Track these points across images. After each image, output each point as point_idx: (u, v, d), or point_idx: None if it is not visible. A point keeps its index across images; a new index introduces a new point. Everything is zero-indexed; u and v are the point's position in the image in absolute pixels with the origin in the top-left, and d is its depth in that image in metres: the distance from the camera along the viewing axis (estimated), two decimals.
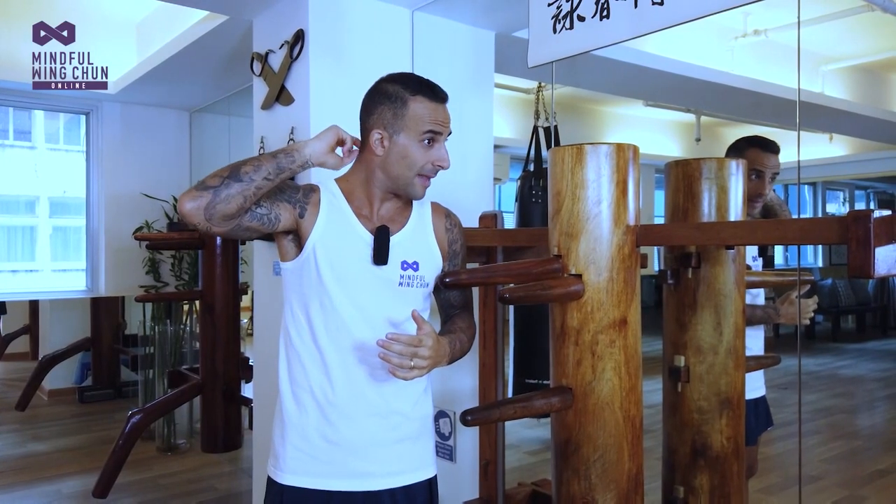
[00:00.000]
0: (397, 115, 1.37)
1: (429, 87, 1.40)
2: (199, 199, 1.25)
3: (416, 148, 1.37)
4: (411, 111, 1.36)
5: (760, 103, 4.12)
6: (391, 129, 1.37)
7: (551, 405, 1.37)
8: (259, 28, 2.74)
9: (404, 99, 1.37)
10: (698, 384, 1.59)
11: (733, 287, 1.58)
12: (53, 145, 5.41)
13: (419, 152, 1.38)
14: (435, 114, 1.38)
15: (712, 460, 1.60)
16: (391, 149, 1.38)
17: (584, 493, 1.37)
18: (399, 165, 1.38)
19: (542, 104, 4.06)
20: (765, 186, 2.15)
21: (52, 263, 5.26)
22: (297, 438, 1.39)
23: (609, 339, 1.34)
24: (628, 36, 1.72)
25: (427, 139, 1.37)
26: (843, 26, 3.64)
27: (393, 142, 1.37)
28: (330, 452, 1.37)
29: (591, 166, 1.34)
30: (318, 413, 1.38)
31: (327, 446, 1.37)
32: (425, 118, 1.37)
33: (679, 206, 1.61)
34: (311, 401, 1.38)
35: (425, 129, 1.36)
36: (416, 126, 1.36)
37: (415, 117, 1.36)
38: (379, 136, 1.38)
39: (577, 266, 1.34)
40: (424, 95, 1.38)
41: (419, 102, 1.37)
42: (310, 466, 1.38)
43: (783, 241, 1.26)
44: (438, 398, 2.33)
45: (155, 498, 3.43)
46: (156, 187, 4.65)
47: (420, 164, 1.38)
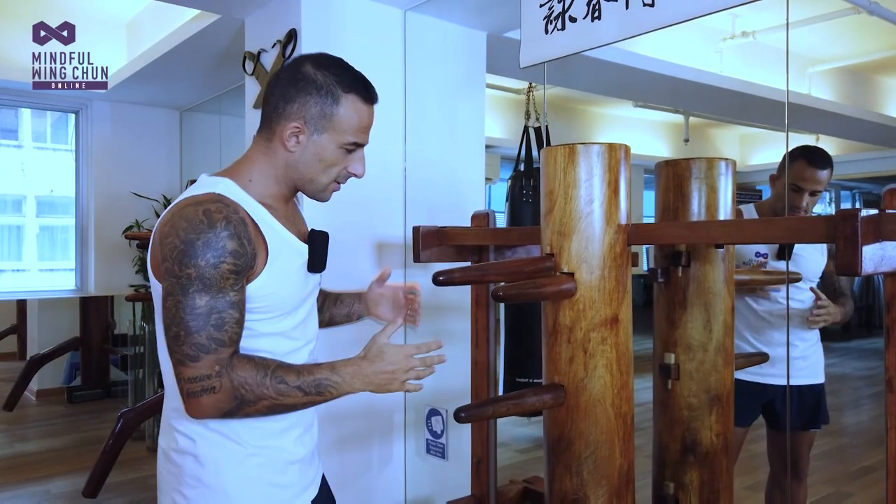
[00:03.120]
0: (324, 114, 1.18)
1: (363, 84, 1.22)
2: (225, 412, 1.11)
3: (335, 153, 1.21)
4: (341, 112, 1.18)
5: (748, 104, 4.16)
6: (312, 125, 1.18)
7: (544, 402, 1.38)
8: (251, 27, 2.74)
9: (336, 95, 1.18)
10: (688, 381, 1.61)
11: (723, 285, 1.60)
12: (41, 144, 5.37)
13: (338, 157, 1.21)
14: (364, 119, 1.22)
15: (702, 456, 1.62)
16: (307, 147, 1.19)
17: (575, 489, 1.38)
18: (313, 167, 1.21)
19: (533, 104, 4.08)
20: (801, 201, 2.14)
21: (38, 263, 5.23)
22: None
23: (601, 336, 1.36)
24: (619, 37, 1.74)
25: (349, 149, 1.22)
26: (829, 28, 3.68)
27: (311, 140, 1.19)
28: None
29: (584, 166, 1.35)
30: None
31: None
32: (354, 125, 1.20)
33: (669, 206, 1.63)
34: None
35: (350, 140, 1.20)
36: (344, 131, 1.19)
37: (343, 120, 1.19)
38: (296, 129, 1.18)
39: (570, 264, 1.36)
40: (358, 94, 1.20)
41: (351, 103, 1.19)
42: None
43: (772, 239, 1.28)
44: (430, 396, 2.35)
45: (145, 498, 3.42)
46: (146, 186, 4.64)
47: (336, 171, 1.23)
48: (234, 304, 1.10)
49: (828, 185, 2.20)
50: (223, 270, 1.08)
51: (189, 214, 1.09)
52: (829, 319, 2.13)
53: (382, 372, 1.18)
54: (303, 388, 1.13)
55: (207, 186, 1.16)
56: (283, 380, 1.12)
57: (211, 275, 1.07)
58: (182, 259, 1.07)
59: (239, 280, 1.10)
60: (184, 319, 1.07)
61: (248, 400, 1.10)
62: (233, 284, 1.09)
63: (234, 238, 1.09)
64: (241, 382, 1.09)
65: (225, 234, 1.08)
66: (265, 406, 1.12)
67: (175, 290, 1.08)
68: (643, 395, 1.74)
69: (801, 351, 2.29)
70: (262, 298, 1.16)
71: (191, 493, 1.19)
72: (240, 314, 1.12)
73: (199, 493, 1.19)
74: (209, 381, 1.08)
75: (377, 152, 1.31)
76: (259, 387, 1.10)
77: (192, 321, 1.07)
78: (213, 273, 1.07)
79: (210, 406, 1.09)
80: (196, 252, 1.07)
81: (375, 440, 2.61)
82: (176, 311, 1.08)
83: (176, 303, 1.08)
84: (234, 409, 1.10)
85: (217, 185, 1.16)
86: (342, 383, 1.16)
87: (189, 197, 1.14)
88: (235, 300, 1.10)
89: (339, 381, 1.16)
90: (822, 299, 2.11)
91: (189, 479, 1.19)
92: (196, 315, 1.07)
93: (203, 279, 1.07)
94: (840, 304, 2.19)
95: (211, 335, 1.08)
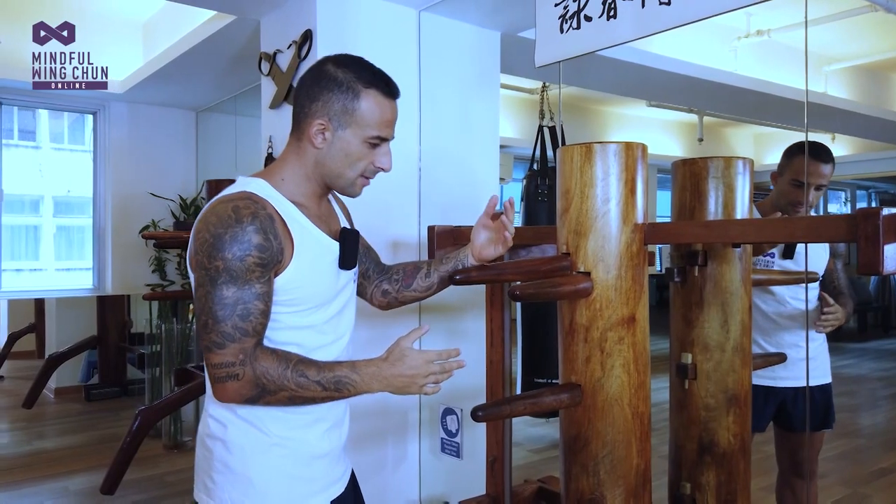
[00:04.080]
0: (346, 109, 1.22)
1: (383, 79, 1.26)
2: (247, 398, 1.16)
3: (359, 147, 1.24)
4: (363, 107, 1.22)
5: (763, 103, 4.14)
6: (336, 122, 1.22)
7: (560, 401, 1.38)
8: (267, 28, 2.76)
9: (356, 91, 1.22)
10: (705, 381, 1.61)
11: (740, 285, 1.60)
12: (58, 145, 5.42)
13: (363, 152, 1.25)
14: (386, 113, 1.25)
15: (719, 457, 1.61)
16: (333, 143, 1.23)
17: (592, 488, 1.38)
18: (340, 163, 1.25)
19: (547, 104, 4.08)
20: (803, 196, 2.14)
21: (55, 262, 5.28)
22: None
23: (618, 336, 1.36)
24: (635, 36, 1.73)
25: (373, 143, 1.25)
26: (845, 27, 3.65)
27: (336, 136, 1.23)
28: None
29: (600, 165, 1.35)
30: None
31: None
32: (376, 119, 1.23)
33: (686, 205, 1.62)
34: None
35: (373, 134, 1.24)
36: (366, 125, 1.23)
37: (366, 115, 1.22)
38: (321, 126, 1.23)
39: (586, 264, 1.36)
40: (378, 90, 1.24)
41: (372, 98, 1.23)
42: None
43: (791, 238, 1.27)
44: (445, 395, 2.35)
45: (161, 495, 3.45)
46: (162, 186, 4.68)
47: (363, 165, 1.26)
48: (260, 295, 1.15)
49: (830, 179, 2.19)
50: (249, 263, 1.13)
51: (220, 211, 1.15)
52: (835, 324, 2.11)
53: (402, 375, 1.20)
54: (322, 383, 1.17)
55: (241, 186, 1.22)
56: (303, 373, 1.16)
57: (237, 267, 1.12)
58: (211, 252, 1.13)
59: (265, 273, 1.15)
60: (212, 309, 1.13)
61: (269, 389, 1.15)
62: (258, 277, 1.14)
63: (260, 233, 1.14)
64: (263, 372, 1.14)
65: (251, 228, 1.13)
66: (285, 397, 1.16)
67: (204, 281, 1.14)
68: (658, 396, 1.74)
69: (808, 351, 2.27)
70: (289, 292, 1.21)
71: (219, 479, 1.24)
72: (265, 306, 1.16)
73: (225, 479, 1.23)
74: (233, 368, 1.13)
75: (392, 152, 1.32)
76: (280, 378, 1.15)
77: (219, 311, 1.12)
78: (240, 266, 1.12)
79: (233, 391, 1.14)
80: (224, 245, 1.12)
81: (390, 438, 2.62)
82: (205, 301, 1.13)
83: (205, 293, 1.13)
84: (256, 397, 1.16)
85: (249, 184, 1.22)
86: (360, 382, 1.19)
87: (223, 195, 1.20)
88: (261, 292, 1.15)
89: (357, 380, 1.19)
90: (829, 304, 2.10)
91: (218, 465, 1.24)
92: (223, 305, 1.12)
93: (230, 271, 1.12)
94: (841, 304, 2.17)
95: (236, 325, 1.13)
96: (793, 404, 2.28)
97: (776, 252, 2.21)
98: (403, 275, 1.52)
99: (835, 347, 4.98)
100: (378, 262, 1.55)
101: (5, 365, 5.74)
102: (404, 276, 1.51)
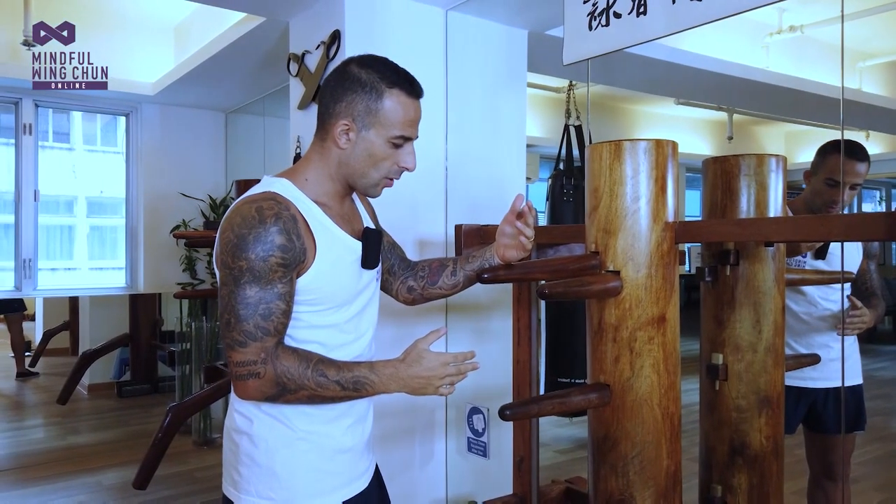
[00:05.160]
0: (370, 109, 1.22)
1: (406, 79, 1.25)
2: (267, 396, 1.18)
3: (383, 147, 1.24)
4: (386, 107, 1.22)
5: (796, 100, 4.06)
6: (360, 122, 1.22)
7: (589, 401, 1.37)
8: (295, 29, 2.79)
9: (379, 91, 1.22)
10: (737, 382, 1.58)
11: (773, 284, 1.57)
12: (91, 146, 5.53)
13: (387, 152, 1.25)
14: (409, 113, 1.25)
15: (751, 459, 1.59)
16: (357, 143, 1.24)
17: (621, 489, 1.37)
18: (364, 163, 1.25)
19: (574, 102, 4.05)
20: (838, 195, 2.10)
21: (89, 262, 5.39)
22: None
23: (647, 335, 1.34)
24: (666, 32, 1.71)
25: (397, 143, 1.25)
26: (880, 22, 3.57)
27: (360, 137, 1.23)
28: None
29: (630, 162, 1.34)
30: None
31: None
32: (399, 118, 1.23)
33: (717, 203, 1.60)
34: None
35: (396, 134, 1.23)
36: (390, 125, 1.23)
37: (389, 115, 1.22)
38: (345, 127, 1.23)
39: (615, 262, 1.35)
40: (402, 89, 1.23)
41: (395, 98, 1.23)
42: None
43: (828, 237, 1.25)
44: (471, 395, 2.35)
45: (190, 490, 3.50)
46: (192, 187, 4.75)
47: (387, 165, 1.26)
48: (282, 295, 1.16)
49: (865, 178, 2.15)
50: (272, 264, 1.14)
51: (244, 211, 1.17)
52: (862, 327, 2.08)
53: (418, 377, 1.21)
54: (341, 382, 1.19)
55: (265, 186, 1.24)
56: (323, 373, 1.18)
57: (260, 267, 1.13)
58: (235, 252, 1.14)
59: (287, 273, 1.16)
60: (234, 308, 1.14)
61: (289, 388, 1.17)
62: (281, 277, 1.15)
63: (283, 233, 1.15)
64: (284, 371, 1.16)
65: (274, 229, 1.14)
66: (305, 395, 1.18)
67: (228, 280, 1.16)
68: (687, 397, 1.71)
69: (837, 352, 2.23)
70: (311, 291, 1.22)
71: (245, 472, 1.26)
72: (286, 306, 1.18)
73: (251, 472, 1.25)
74: (254, 366, 1.15)
75: (419, 151, 1.32)
76: (300, 377, 1.16)
77: (241, 310, 1.14)
78: (263, 266, 1.14)
79: (254, 389, 1.16)
80: (247, 246, 1.14)
81: (417, 437, 2.62)
82: (228, 300, 1.15)
83: (229, 292, 1.15)
84: (276, 395, 1.17)
85: (274, 184, 1.24)
86: (378, 383, 1.21)
87: (248, 196, 1.22)
88: (283, 292, 1.16)
89: (375, 381, 1.21)
90: (857, 307, 2.06)
91: (244, 458, 1.26)
92: (245, 304, 1.14)
93: (253, 271, 1.14)
94: (872, 306, 2.13)
95: (258, 324, 1.15)
96: (823, 405, 2.25)
97: (809, 252, 2.18)
98: (429, 272, 1.52)
99: (868, 350, 4.89)
100: (403, 258, 1.56)
101: (41, 361, 5.89)
102: (430, 273, 1.52)
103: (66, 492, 3.53)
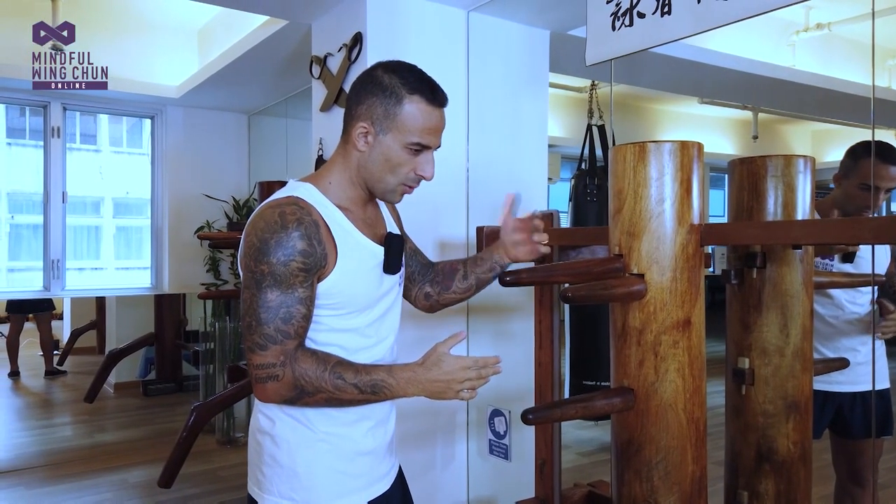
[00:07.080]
0: (388, 114, 1.21)
1: (429, 86, 1.24)
2: (286, 399, 1.19)
3: (400, 153, 1.23)
4: (405, 112, 1.21)
5: (823, 99, 4.00)
6: (378, 125, 1.22)
7: (613, 406, 1.36)
8: (318, 32, 2.80)
9: (399, 96, 1.21)
10: (763, 387, 1.56)
11: (801, 288, 1.54)
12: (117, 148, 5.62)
13: (404, 158, 1.23)
14: (429, 121, 1.23)
15: (778, 465, 1.56)
16: (374, 147, 1.23)
17: (646, 494, 1.36)
18: (381, 167, 1.24)
19: (596, 102, 4.02)
20: (876, 200, 2.07)
21: (115, 262, 5.47)
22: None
23: (672, 339, 1.32)
24: (690, 32, 1.69)
25: (414, 149, 1.24)
26: None
27: (378, 140, 1.23)
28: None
29: (654, 164, 1.32)
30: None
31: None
32: (418, 125, 1.21)
33: (743, 205, 1.58)
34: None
35: (413, 140, 1.22)
36: (407, 131, 1.21)
37: (407, 120, 1.21)
38: (364, 129, 1.23)
39: (640, 265, 1.33)
40: (422, 96, 1.22)
41: (415, 104, 1.21)
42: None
43: (857, 240, 1.22)
44: (493, 397, 2.34)
45: (214, 489, 3.54)
46: (216, 188, 4.80)
47: (405, 172, 1.25)
48: (302, 300, 1.17)
49: None
50: (293, 268, 1.15)
51: (267, 216, 1.18)
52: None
53: (437, 381, 1.20)
54: (359, 386, 1.18)
55: (289, 190, 1.25)
56: (341, 376, 1.18)
57: (282, 272, 1.14)
58: (257, 256, 1.16)
59: (308, 278, 1.17)
60: (256, 311, 1.16)
61: (307, 391, 1.17)
62: (302, 282, 1.16)
63: (305, 238, 1.16)
64: (302, 374, 1.16)
65: (296, 234, 1.15)
66: (323, 398, 1.18)
67: (250, 283, 1.17)
68: (712, 400, 1.69)
69: (864, 356, 2.20)
70: (332, 296, 1.22)
71: (268, 472, 1.27)
72: (307, 310, 1.18)
73: (274, 472, 1.27)
74: (274, 369, 1.16)
75: (440, 152, 1.32)
76: (318, 380, 1.17)
77: (262, 313, 1.15)
78: (284, 270, 1.14)
79: (273, 392, 1.17)
80: (269, 250, 1.15)
81: (439, 439, 2.62)
82: (250, 303, 1.16)
83: (251, 296, 1.16)
84: (295, 398, 1.18)
85: (297, 189, 1.24)
86: (396, 386, 1.20)
87: (272, 200, 1.23)
88: (303, 296, 1.17)
89: (393, 384, 1.20)
90: (890, 311, 2.03)
91: (267, 458, 1.28)
92: (266, 308, 1.15)
93: (275, 275, 1.14)
94: None
95: (278, 328, 1.15)
96: (850, 410, 2.22)
97: (836, 255, 2.14)
98: (443, 276, 1.53)
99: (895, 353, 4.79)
100: (424, 264, 1.55)
101: (68, 360, 5.98)
102: (443, 279, 1.52)
103: (94, 489, 3.59)
